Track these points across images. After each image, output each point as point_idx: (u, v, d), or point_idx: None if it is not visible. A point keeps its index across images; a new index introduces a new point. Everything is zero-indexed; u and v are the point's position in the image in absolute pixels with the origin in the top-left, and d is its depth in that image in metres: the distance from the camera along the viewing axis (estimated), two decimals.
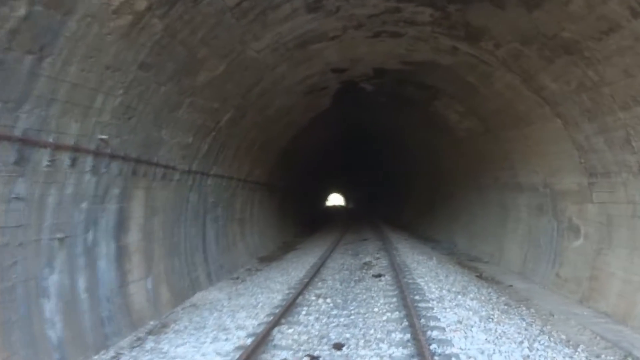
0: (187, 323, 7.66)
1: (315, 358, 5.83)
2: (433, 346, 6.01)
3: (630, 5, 5.80)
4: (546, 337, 6.69)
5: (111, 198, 6.97)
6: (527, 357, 5.78)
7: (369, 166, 36.32)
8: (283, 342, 6.41)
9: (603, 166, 8.44)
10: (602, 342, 6.67)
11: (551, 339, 6.65)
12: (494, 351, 5.86)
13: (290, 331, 6.86)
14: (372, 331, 6.80)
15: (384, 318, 7.52)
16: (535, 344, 6.26)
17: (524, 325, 7.23)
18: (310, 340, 6.50)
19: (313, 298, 9.00)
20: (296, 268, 12.76)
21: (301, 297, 8.99)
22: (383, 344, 6.24)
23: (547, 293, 9.83)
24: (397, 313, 7.74)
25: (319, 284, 10.41)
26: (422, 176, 24.13)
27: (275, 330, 6.86)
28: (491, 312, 7.75)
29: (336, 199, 79.66)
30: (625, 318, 7.45)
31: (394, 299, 8.72)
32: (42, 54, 4.88)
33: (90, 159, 6.17)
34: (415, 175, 25.64)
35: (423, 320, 7.17)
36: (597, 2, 6.21)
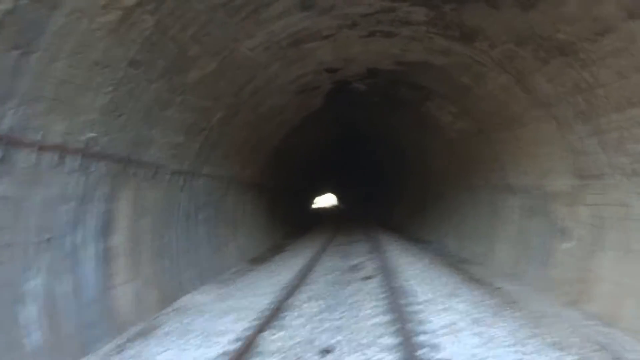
0: (174, 327, 7.54)
1: None
2: (423, 351, 5.93)
3: (626, 6, 5.76)
4: (537, 340, 6.64)
5: (99, 198, 6.83)
6: None
7: (362, 166, 36.28)
8: (269, 348, 6.31)
9: (596, 168, 8.42)
10: (593, 345, 6.63)
11: (542, 342, 6.60)
12: (485, 356, 5.79)
13: (276, 336, 6.75)
14: (361, 335, 6.71)
15: (373, 322, 7.41)
16: (526, 347, 6.21)
17: (515, 328, 7.18)
18: (297, 345, 6.40)
19: (302, 301, 8.90)
20: (285, 270, 12.66)
21: (290, 300, 8.88)
22: (372, 349, 6.15)
23: (538, 295, 9.79)
24: (387, 316, 7.65)
25: (308, 287, 10.31)
26: (414, 177, 24.11)
27: (261, 335, 6.75)
28: (482, 315, 7.69)
29: (328, 199, 79.61)
30: (615, 320, 7.43)
31: (384, 302, 8.63)
32: (28, 49, 4.75)
33: (77, 158, 6.03)
34: (407, 176, 25.62)
35: (413, 323, 7.08)
36: (593, 3, 6.18)
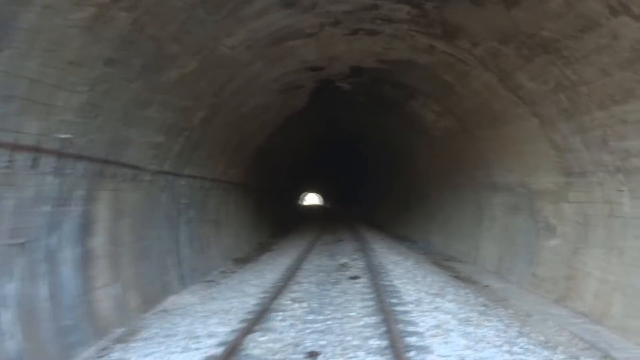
0: (157, 330, 7.36)
1: None
2: (412, 353, 5.85)
3: (609, 3, 5.73)
4: (525, 339, 6.61)
5: (76, 200, 6.63)
6: None
7: (347, 166, 36.23)
8: (255, 351, 6.16)
9: (580, 166, 8.43)
10: (581, 343, 6.62)
11: (530, 341, 6.58)
12: (475, 357, 5.73)
13: (263, 339, 6.61)
14: (349, 338, 6.60)
15: (361, 323, 7.32)
16: (514, 347, 6.16)
17: (503, 327, 7.14)
18: (284, 348, 6.27)
19: (288, 302, 8.77)
20: (271, 270, 12.52)
21: (276, 302, 8.75)
22: (360, 352, 6.05)
23: (524, 293, 9.81)
24: (374, 318, 7.56)
25: (295, 287, 10.18)
26: (399, 176, 24.12)
27: (247, 338, 6.59)
28: (469, 315, 7.65)
29: (313, 199, 79.52)
30: (602, 318, 7.44)
31: (371, 302, 8.55)
32: None
33: (52, 160, 5.83)
34: (392, 175, 25.62)
35: (401, 325, 7.00)
36: (576, 0, 6.14)
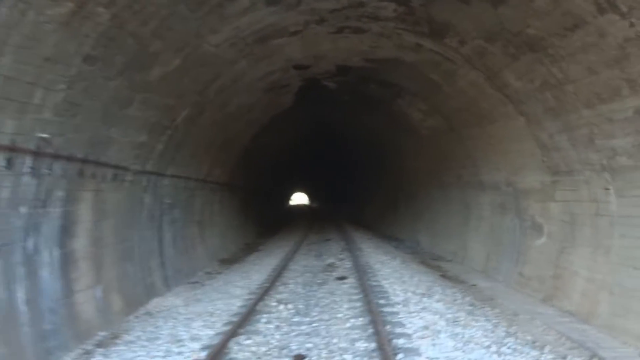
0: (140, 333, 7.20)
1: None
2: (400, 356, 5.76)
3: (596, 0, 5.69)
4: (513, 339, 6.57)
5: (55, 201, 6.44)
6: None
7: (334, 165, 36.13)
8: (240, 355, 6.04)
9: (566, 164, 8.41)
10: (568, 343, 6.59)
11: (518, 341, 6.54)
12: (464, 359, 5.66)
13: (248, 342, 6.48)
14: (336, 340, 6.50)
15: (348, 325, 7.23)
16: (503, 348, 6.12)
17: (490, 327, 7.10)
18: (269, 352, 6.15)
19: (274, 304, 8.65)
20: (258, 271, 12.39)
21: (261, 303, 8.62)
22: (347, 355, 5.95)
23: (511, 292, 9.80)
24: (362, 319, 7.47)
25: (281, 288, 10.07)
26: (387, 175, 24.09)
27: (232, 341, 6.46)
28: (457, 315, 7.59)
29: (300, 198, 79.38)
30: (589, 317, 7.42)
31: (358, 304, 8.47)
32: None
33: (29, 160, 5.64)
34: (379, 174, 25.59)
35: (389, 326, 6.91)
36: None
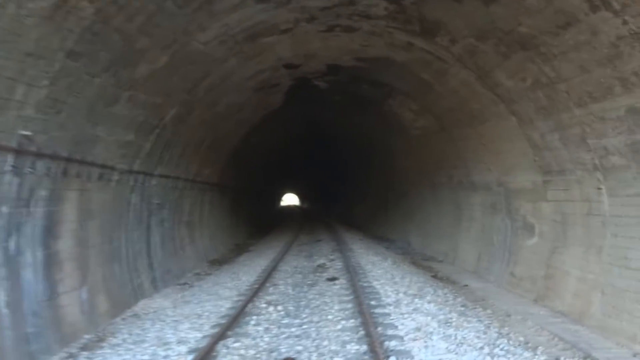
0: (126, 336, 7.05)
1: None
2: (392, 359, 5.64)
3: None
4: (505, 340, 6.49)
5: (38, 201, 6.27)
6: None
7: (324, 166, 36.02)
8: (228, 359, 5.90)
9: (558, 164, 8.37)
10: (561, 343, 6.54)
11: (510, 342, 6.46)
12: None
13: (236, 345, 6.33)
14: (326, 342, 6.37)
15: (339, 327, 7.10)
16: (495, 349, 6.03)
17: (483, 328, 7.02)
18: (258, 355, 6.01)
19: (263, 305, 8.51)
20: (247, 272, 12.25)
21: (251, 305, 8.48)
22: (338, 358, 5.83)
23: (502, 292, 9.75)
24: (353, 321, 7.35)
25: (270, 289, 9.93)
26: (378, 175, 24.03)
27: (220, 344, 6.31)
28: (449, 316, 7.50)
29: (291, 199, 79.24)
30: (581, 317, 7.38)
31: (349, 305, 8.35)
32: None
33: (10, 158, 5.48)
34: (370, 174, 25.52)
35: (380, 328, 6.79)
36: None
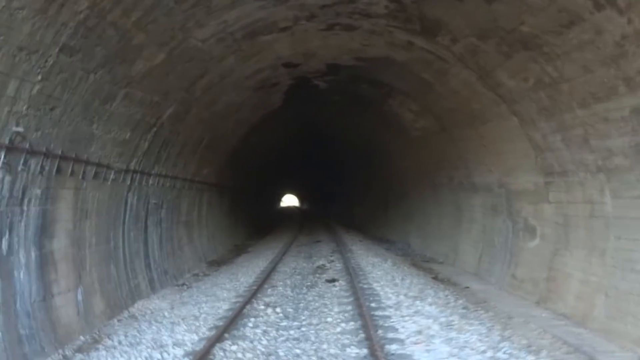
0: (122, 338, 6.93)
1: None
2: None
3: None
4: (508, 344, 6.37)
5: (31, 199, 6.15)
6: None
7: (324, 166, 35.90)
8: None
9: (560, 165, 8.26)
10: (564, 347, 6.41)
11: (513, 345, 6.34)
12: None
13: (233, 348, 6.20)
14: (325, 346, 6.25)
15: (338, 330, 6.98)
16: (498, 353, 5.91)
17: (485, 331, 6.90)
18: (255, 358, 5.89)
19: (262, 307, 8.40)
20: (246, 273, 12.14)
21: (249, 307, 8.37)
22: None
23: (504, 294, 9.64)
24: (353, 323, 7.22)
25: (269, 291, 9.82)
26: (378, 176, 23.93)
27: (216, 347, 6.18)
28: (451, 318, 7.38)
29: (290, 200, 79.13)
30: (584, 320, 7.25)
31: (349, 307, 8.23)
32: None
33: (1, 155, 5.36)
34: (370, 175, 25.42)
35: (381, 331, 6.66)
36: None
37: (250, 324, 7.36)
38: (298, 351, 6.13)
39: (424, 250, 16.24)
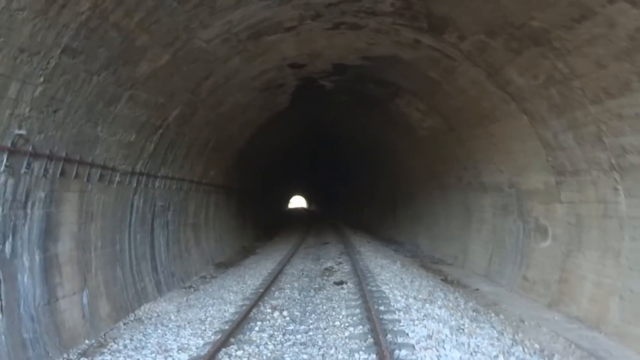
0: (128, 341, 6.85)
1: None
2: None
3: None
4: (520, 348, 6.22)
5: (35, 203, 6.09)
6: None
7: (331, 167, 35.79)
8: None
9: (572, 164, 8.09)
10: (578, 351, 6.25)
11: (525, 350, 6.19)
12: None
13: (239, 353, 6.09)
14: (333, 351, 6.11)
15: (346, 334, 6.84)
16: (511, 358, 5.76)
17: (496, 335, 6.74)
18: None
19: (268, 310, 8.28)
20: (253, 275, 12.03)
21: (255, 310, 8.25)
22: None
23: (515, 297, 9.46)
24: (361, 327, 7.08)
25: (276, 294, 9.70)
26: (385, 177, 23.77)
27: (222, 352, 6.07)
28: (461, 322, 7.22)
29: (298, 201, 79.08)
30: (598, 324, 7.08)
31: (357, 310, 8.09)
32: None
33: (4, 157, 5.30)
34: (378, 176, 25.26)
35: (390, 335, 6.50)
36: None
37: (256, 328, 7.25)
38: (305, 356, 6.00)
39: (433, 251, 16.06)
